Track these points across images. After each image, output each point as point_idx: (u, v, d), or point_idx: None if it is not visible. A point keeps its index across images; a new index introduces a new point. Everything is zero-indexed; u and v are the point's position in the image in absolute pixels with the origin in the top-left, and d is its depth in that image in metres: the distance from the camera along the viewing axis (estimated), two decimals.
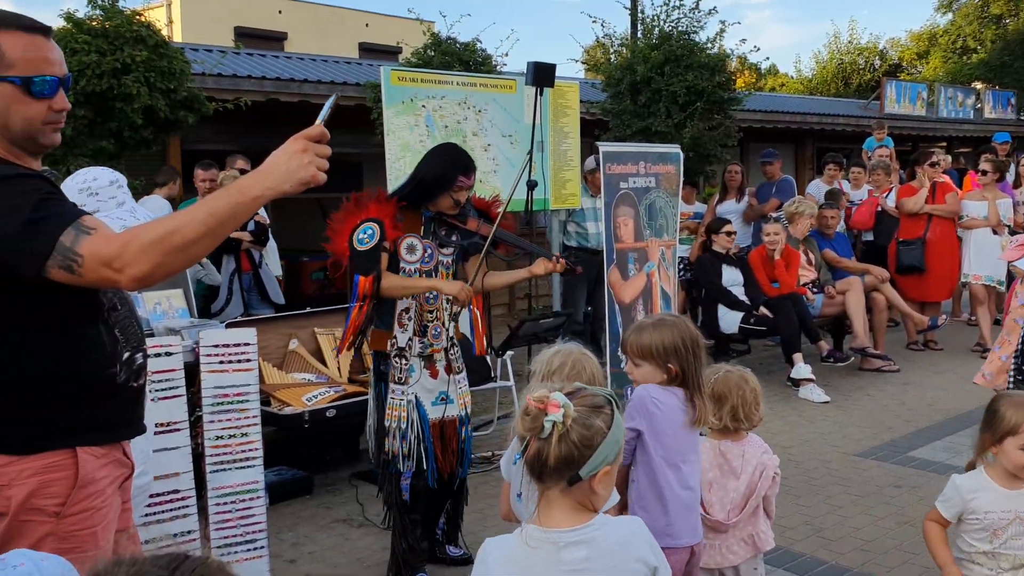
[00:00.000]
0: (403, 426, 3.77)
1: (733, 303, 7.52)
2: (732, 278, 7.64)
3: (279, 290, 7.09)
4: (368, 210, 3.64)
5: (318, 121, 1.90)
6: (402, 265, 3.72)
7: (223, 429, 3.60)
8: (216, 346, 3.56)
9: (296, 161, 1.85)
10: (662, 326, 2.75)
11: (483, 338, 4.18)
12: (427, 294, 3.78)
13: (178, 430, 3.50)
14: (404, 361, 3.77)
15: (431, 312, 3.81)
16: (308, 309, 5.95)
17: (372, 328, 3.80)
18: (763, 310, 7.42)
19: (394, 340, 3.76)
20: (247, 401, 3.62)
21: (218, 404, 3.57)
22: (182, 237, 1.83)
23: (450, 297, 3.74)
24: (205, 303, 6.67)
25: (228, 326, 4.90)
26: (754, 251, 7.92)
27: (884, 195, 9.44)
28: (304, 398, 5.01)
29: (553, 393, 1.77)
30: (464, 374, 3.97)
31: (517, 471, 2.64)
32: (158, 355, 3.40)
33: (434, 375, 3.83)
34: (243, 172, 6.99)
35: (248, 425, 3.63)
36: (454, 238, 3.87)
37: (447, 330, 3.86)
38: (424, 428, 3.79)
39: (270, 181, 1.85)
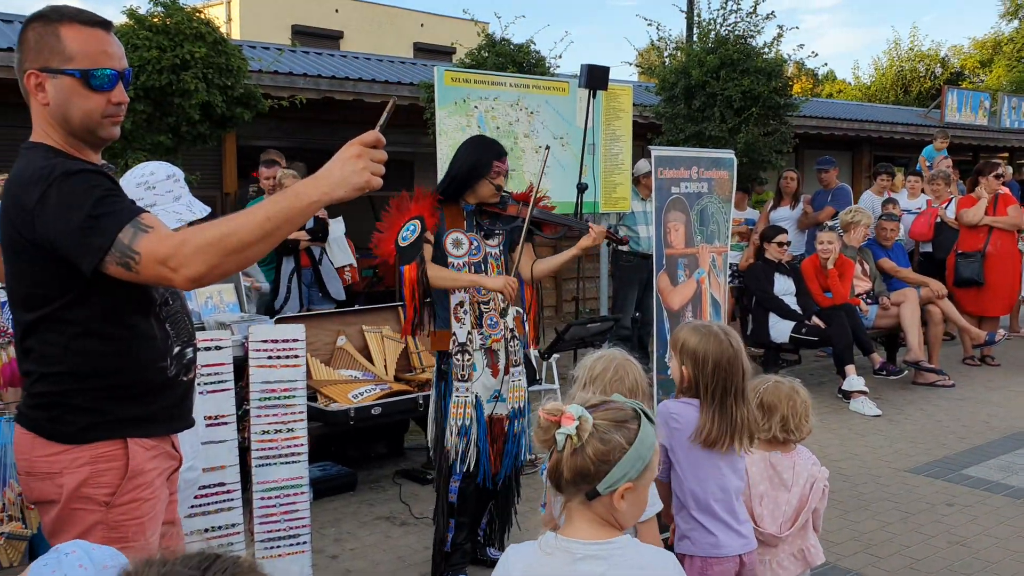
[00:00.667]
0: (467, 423, 3.79)
1: (785, 312, 7.41)
2: (784, 287, 7.54)
3: (340, 286, 7.10)
4: (409, 211, 3.71)
5: (377, 127, 1.90)
6: (450, 260, 3.77)
7: (269, 424, 3.64)
8: (265, 341, 3.60)
9: (351, 167, 1.86)
10: (703, 332, 2.73)
11: (535, 330, 4.18)
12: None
13: (225, 424, 3.54)
14: (467, 357, 3.80)
15: (485, 303, 3.84)
16: (357, 307, 5.99)
17: (433, 330, 3.84)
18: (815, 320, 7.30)
19: (454, 337, 3.79)
20: (294, 397, 3.65)
21: (265, 399, 3.61)
22: (238, 239, 1.84)
23: (494, 290, 3.77)
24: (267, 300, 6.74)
25: (277, 322, 4.97)
26: (807, 260, 7.80)
27: (944, 206, 9.25)
28: (350, 395, 5.05)
29: (570, 405, 1.73)
30: (522, 367, 3.98)
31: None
32: (208, 349, 3.44)
33: (495, 373, 3.85)
34: (273, 163, 7.04)
35: (294, 421, 3.66)
36: (497, 226, 3.91)
37: (504, 320, 3.88)
38: (480, 429, 3.81)
39: (325, 187, 1.86)
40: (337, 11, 24.17)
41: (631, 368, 2.67)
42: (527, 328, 4.07)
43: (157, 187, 2.71)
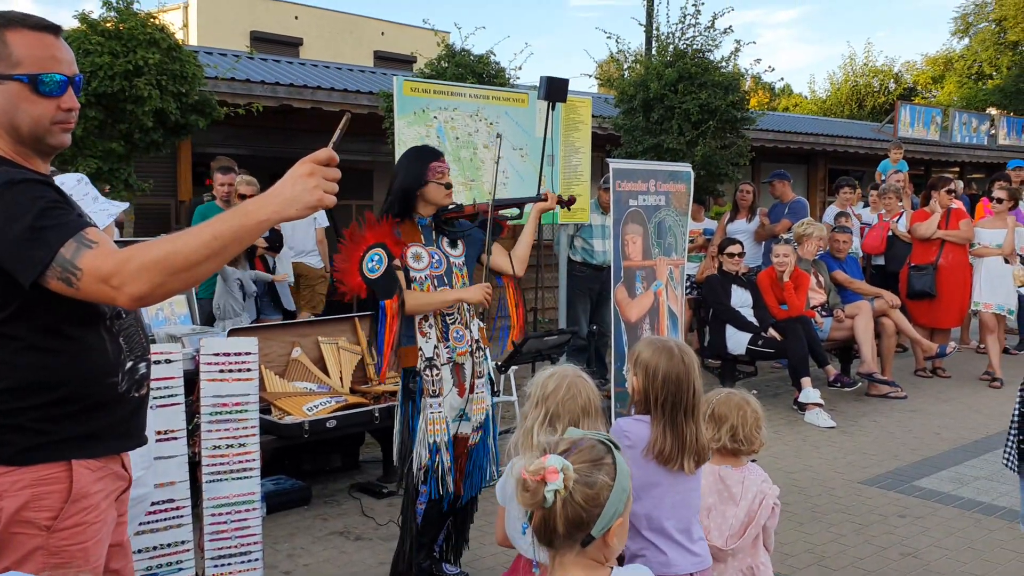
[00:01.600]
0: (441, 439, 3.75)
1: (741, 324, 7.48)
2: (741, 299, 7.60)
3: (291, 297, 7.09)
4: (365, 239, 3.65)
5: (330, 144, 1.88)
6: (412, 274, 3.73)
7: (221, 439, 3.58)
8: (217, 354, 3.54)
9: (303, 185, 1.83)
10: (657, 345, 2.74)
11: (522, 320, 4.16)
12: None
13: (175, 439, 3.47)
14: (436, 371, 3.76)
15: (450, 315, 3.81)
16: (312, 317, 5.92)
17: (399, 347, 3.79)
18: (771, 332, 7.37)
19: (421, 352, 3.74)
20: (246, 411, 3.59)
21: (217, 413, 3.54)
22: (184, 258, 1.81)
23: (476, 303, 3.79)
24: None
25: (230, 334, 4.90)
26: (763, 272, 7.88)
27: (895, 219, 9.41)
28: (305, 408, 4.99)
29: (548, 458, 1.70)
30: (486, 379, 3.97)
31: (516, 516, 2.60)
32: (158, 362, 3.37)
33: (461, 392, 3.82)
34: (228, 170, 6.97)
35: (246, 435, 3.60)
36: (460, 229, 3.89)
37: (469, 331, 3.86)
38: (449, 449, 3.78)
39: (275, 205, 1.83)
40: (297, 18, 24.03)
41: (583, 385, 2.66)
42: (516, 321, 4.06)
43: (73, 192, 2.66)
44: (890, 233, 9.35)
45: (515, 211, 4.11)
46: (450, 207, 3.85)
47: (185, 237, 1.83)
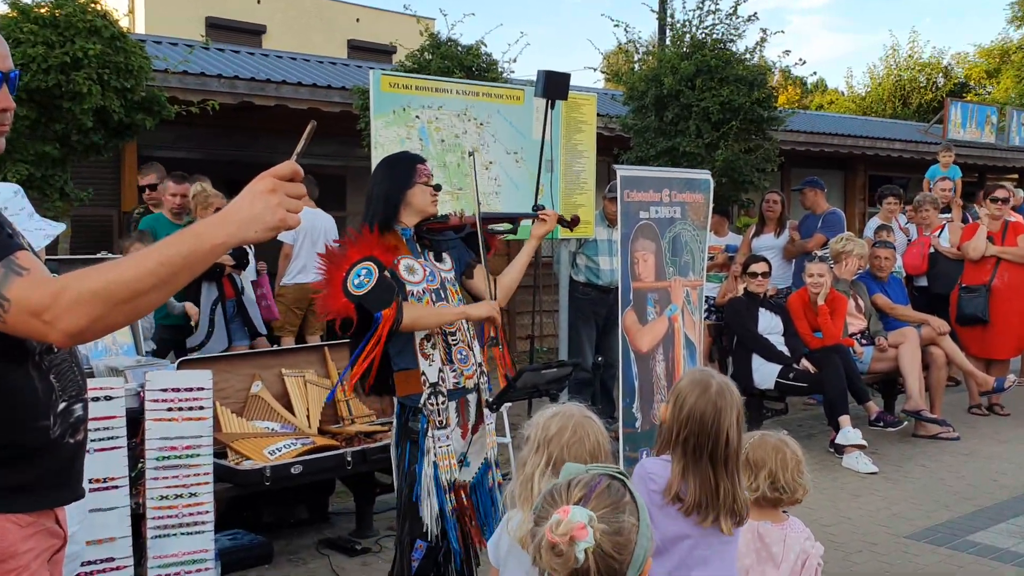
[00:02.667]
0: (452, 478, 3.74)
1: (770, 354, 7.49)
2: (769, 325, 7.62)
3: (260, 318, 7.13)
4: (348, 257, 3.66)
5: (294, 156, 1.89)
6: (408, 288, 3.75)
7: (168, 488, 3.57)
8: (165, 390, 3.54)
9: (262, 203, 1.84)
10: (698, 379, 2.80)
11: (508, 359, 4.18)
12: None
13: (116, 487, 3.47)
14: (441, 399, 3.76)
15: (452, 334, 3.83)
16: (275, 347, 5.92)
17: (395, 371, 3.79)
18: (804, 363, 7.38)
19: (424, 376, 3.74)
20: (198, 455, 3.59)
21: (164, 458, 3.54)
22: (127, 288, 1.80)
23: (482, 320, 3.85)
24: (178, 336, 6.68)
25: (180, 366, 4.89)
26: (795, 295, 7.91)
27: (935, 234, 9.42)
28: (266, 451, 4.98)
29: (570, 512, 1.73)
30: (489, 411, 3.98)
31: (511, 562, 2.60)
32: (96, 399, 3.37)
33: (464, 434, 3.83)
34: (183, 178, 6.99)
35: (198, 484, 3.60)
36: (445, 239, 3.93)
37: (473, 353, 3.89)
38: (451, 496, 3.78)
39: (232, 226, 1.83)
40: (259, 2, 24.14)
41: (591, 427, 2.67)
42: (504, 356, 4.07)
43: (8, 206, 2.66)
44: (932, 250, 9.37)
45: (508, 225, 4.14)
46: (434, 217, 3.89)
47: (128, 264, 1.82)
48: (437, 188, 3.87)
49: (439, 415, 3.75)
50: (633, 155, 10.04)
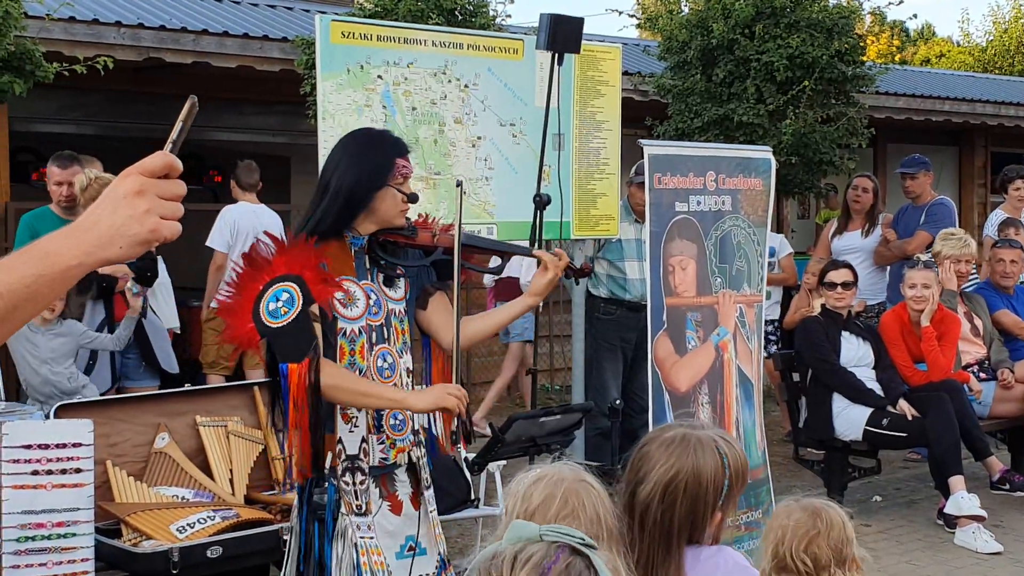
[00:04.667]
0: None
1: (856, 393, 7.46)
2: (856, 354, 7.59)
3: (171, 352, 7.09)
4: (272, 267, 3.63)
5: (167, 145, 1.87)
6: (341, 325, 3.71)
7: None
8: (28, 447, 3.52)
9: (126, 211, 1.81)
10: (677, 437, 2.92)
11: (450, 426, 4.14)
12: (380, 362, 3.78)
13: None
14: (359, 476, 3.73)
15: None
16: (187, 386, 5.91)
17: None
18: (903, 406, 7.34)
19: (340, 447, 3.73)
20: (74, 536, 3.57)
21: (28, 539, 3.52)
22: None
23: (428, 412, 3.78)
24: None
25: (58, 411, 4.87)
26: (889, 313, 7.87)
27: None
28: (174, 527, 4.96)
29: None
30: (432, 491, 3.95)
31: None
32: None
33: (396, 509, 3.81)
34: (71, 159, 6.99)
35: (75, 573, 3.58)
36: (403, 262, 3.91)
37: (411, 418, 3.86)
38: None
39: (87, 243, 1.81)
40: None
41: (588, 496, 2.64)
42: (433, 430, 4.03)
43: None
44: None
45: (497, 262, 4.12)
46: (399, 228, 3.84)
47: None
48: (412, 199, 3.81)
49: (356, 497, 3.72)
50: (672, 126, 10.04)
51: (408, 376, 3.87)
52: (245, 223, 8.27)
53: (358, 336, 3.74)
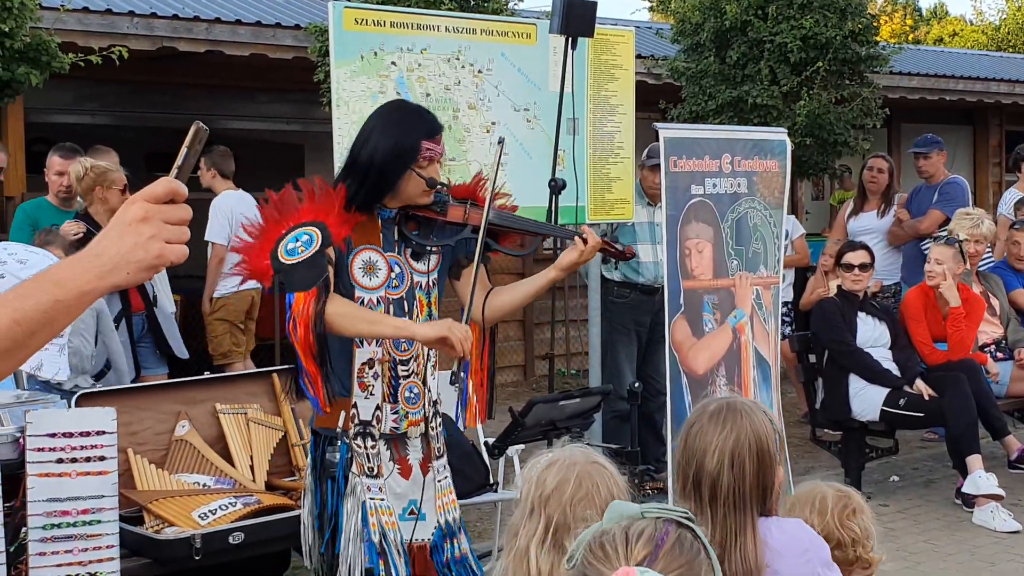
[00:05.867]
0: (392, 537, 3.75)
1: (873, 374, 7.45)
2: (872, 335, 7.58)
3: (179, 336, 7.12)
4: (300, 213, 3.64)
5: (172, 171, 1.91)
6: (358, 294, 3.73)
7: (59, 566, 3.57)
8: (53, 435, 3.54)
9: (132, 238, 1.85)
10: (718, 408, 2.93)
11: (484, 403, 4.15)
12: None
13: None
14: (370, 442, 3.76)
15: (405, 364, 3.82)
16: (207, 374, 5.93)
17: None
18: (919, 385, 7.34)
19: (355, 411, 3.75)
20: (99, 523, 3.59)
21: (53, 527, 3.54)
22: None
23: (434, 348, 3.75)
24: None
25: (79, 400, 4.89)
26: (915, 289, 7.86)
27: None
28: (196, 514, 4.98)
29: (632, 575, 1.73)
30: (445, 459, 3.98)
31: None
32: None
33: (406, 473, 3.82)
34: (72, 151, 7.00)
35: (99, 560, 3.60)
36: (430, 240, 3.89)
37: (428, 391, 3.88)
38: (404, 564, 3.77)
39: (99, 268, 1.85)
40: None
41: (601, 477, 2.66)
42: (470, 396, 4.04)
43: None
44: None
45: (534, 242, 4.10)
46: (430, 203, 3.84)
47: None
48: (430, 184, 3.79)
49: (368, 460, 3.75)
50: (686, 109, 10.02)
51: (424, 348, 3.84)
52: (239, 211, 8.20)
53: (375, 306, 3.76)
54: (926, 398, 7.28)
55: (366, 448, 3.75)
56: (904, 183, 9.77)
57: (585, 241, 3.90)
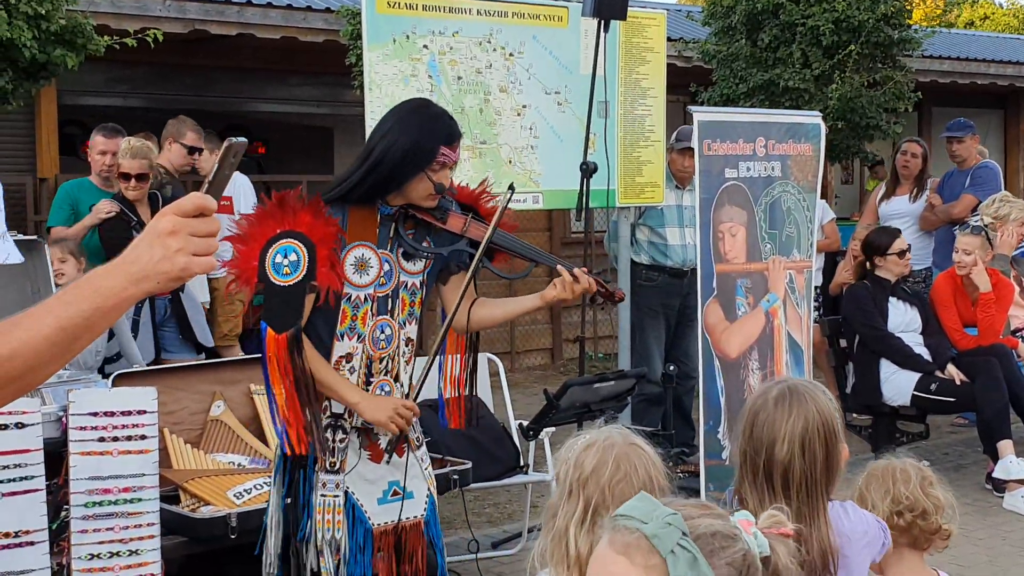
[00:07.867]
0: (338, 535, 3.78)
1: (904, 358, 7.44)
2: (904, 320, 7.56)
3: (206, 325, 7.14)
4: (296, 220, 3.62)
5: (203, 186, 1.96)
6: (347, 291, 3.74)
7: (101, 543, 3.61)
8: (95, 415, 3.57)
9: (159, 251, 1.90)
10: (783, 391, 2.95)
11: (463, 411, 4.17)
12: (377, 332, 3.81)
13: (32, 544, 3.50)
14: (340, 435, 3.78)
15: (383, 361, 3.85)
16: (242, 355, 5.95)
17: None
18: (951, 370, 7.33)
19: (328, 403, 3.77)
20: (140, 501, 3.63)
21: (95, 504, 3.58)
22: (22, 362, 1.87)
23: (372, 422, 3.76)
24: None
25: (116, 382, 4.93)
26: (944, 275, 7.83)
27: None
28: (231, 493, 5.00)
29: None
30: (424, 448, 4.02)
31: None
32: (4, 427, 3.41)
33: (377, 457, 3.84)
34: (116, 132, 7.05)
35: (140, 538, 3.64)
36: (425, 244, 3.90)
37: (401, 387, 3.91)
38: (361, 542, 3.80)
39: (133, 276, 1.91)
40: None
41: (639, 458, 2.67)
42: (450, 391, 4.08)
43: None
44: None
45: (527, 267, 4.11)
46: (432, 208, 3.83)
47: (20, 330, 1.88)
48: (438, 189, 3.77)
49: (333, 455, 3.76)
50: (717, 93, 9.99)
51: (407, 346, 3.89)
52: (243, 189, 8.15)
53: (363, 303, 3.77)
54: (958, 383, 7.27)
55: (333, 441, 3.77)
56: (935, 167, 9.72)
57: (576, 279, 3.88)
